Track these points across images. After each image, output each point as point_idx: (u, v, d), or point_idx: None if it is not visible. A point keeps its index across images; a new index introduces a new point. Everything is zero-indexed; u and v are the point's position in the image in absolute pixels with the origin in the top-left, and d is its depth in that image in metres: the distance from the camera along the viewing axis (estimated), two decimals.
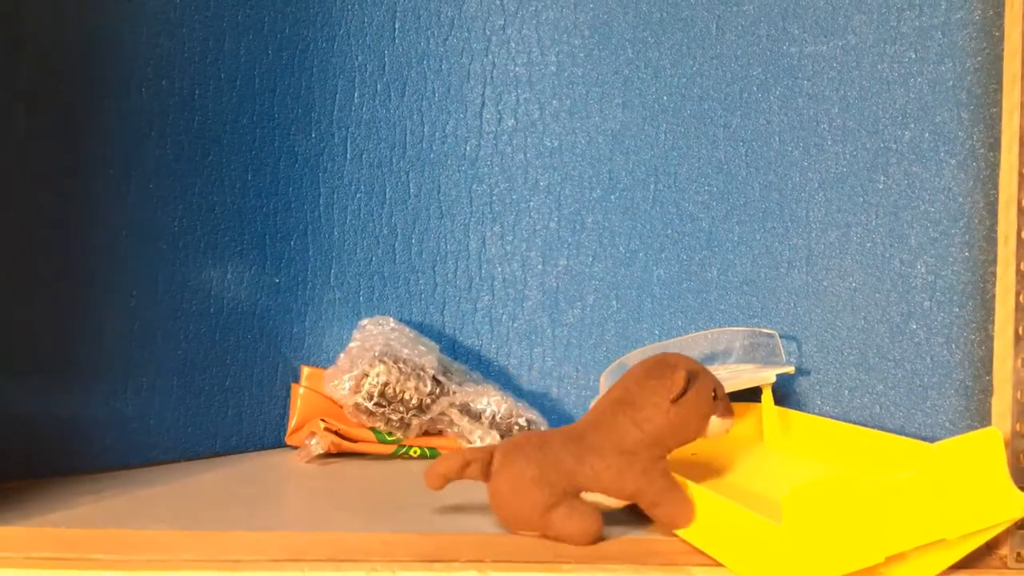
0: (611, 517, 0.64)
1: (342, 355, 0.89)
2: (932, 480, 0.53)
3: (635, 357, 0.80)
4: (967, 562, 0.58)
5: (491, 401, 0.89)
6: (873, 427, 0.78)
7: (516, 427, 0.88)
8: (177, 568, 0.54)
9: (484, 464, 0.64)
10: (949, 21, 0.74)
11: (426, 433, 0.90)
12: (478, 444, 0.86)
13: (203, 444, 0.85)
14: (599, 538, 0.61)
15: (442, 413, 0.88)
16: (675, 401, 0.62)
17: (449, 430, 0.89)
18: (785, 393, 0.84)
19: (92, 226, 0.79)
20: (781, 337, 0.84)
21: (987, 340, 0.70)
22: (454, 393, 0.89)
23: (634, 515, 0.65)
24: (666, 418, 0.63)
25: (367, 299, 0.97)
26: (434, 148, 0.98)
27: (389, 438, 0.87)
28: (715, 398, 0.64)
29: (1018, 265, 0.59)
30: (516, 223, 0.98)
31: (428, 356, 0.89)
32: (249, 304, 0.91)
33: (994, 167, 0.70)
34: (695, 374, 0.64)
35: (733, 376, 0.76)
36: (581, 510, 0.61)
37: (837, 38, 0.82)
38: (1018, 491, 0.55)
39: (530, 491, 0.61)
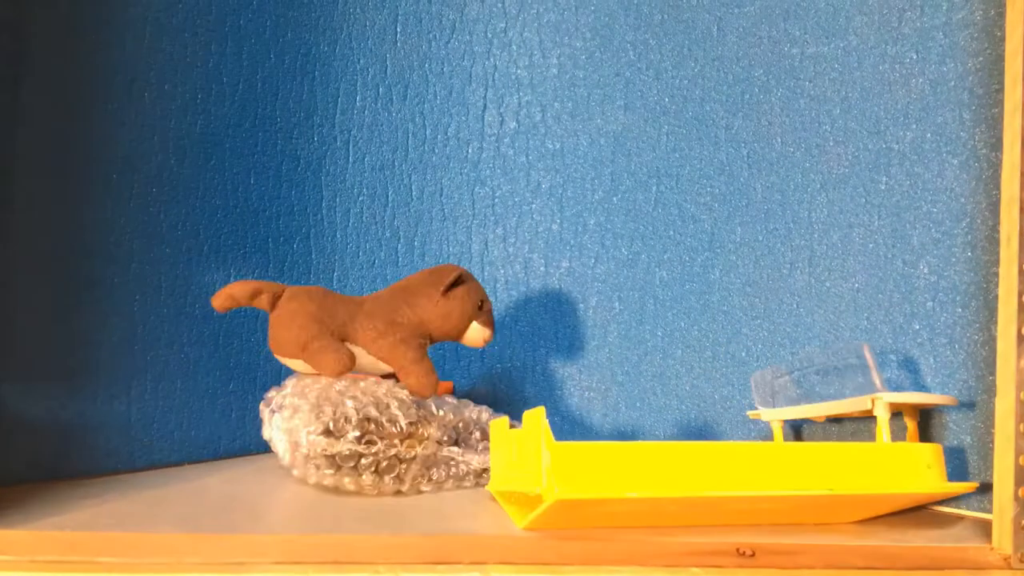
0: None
1: (286, 411, 0.73)
2: None
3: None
4: (970, 563, 0.58)
5: (476, 411, 0.78)
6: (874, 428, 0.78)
7: None
8: (181, 571, 0.54)
9: (273, 296, 0.76)
10: (950, 22, 0.74)
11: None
12: (475, 465, 0.76)
13: (207, 447, 0.86)
14: (345, 371, 0.73)
15: (432, 453, 0.74)
16: (445, 293, 0.76)
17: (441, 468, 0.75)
18: None
19: (95, 230, 0.79)
20: (785, 339, 0.84)
21: (990, 341, 0.70)
22: (440, 412, 0.75)
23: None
24: (434, 306, 0.76)
25: None
26: (436, 151, 0.98)
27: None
28: (481, 308, 0.77)
29: (1021, 265, 0.59)
30: (518, 225, 0.98)
31: (387, 381, 0.77)
32: (253, 308, 0.91)
33: (996, 167, 0.70)
34: (467, 279, 0.77)
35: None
36: (335, 347, 0.73)
37: (838, 39, 0.81)
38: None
39: (302, 323, 0.73)
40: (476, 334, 0.79)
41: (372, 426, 0.70)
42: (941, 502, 0.73)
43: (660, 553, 0.59)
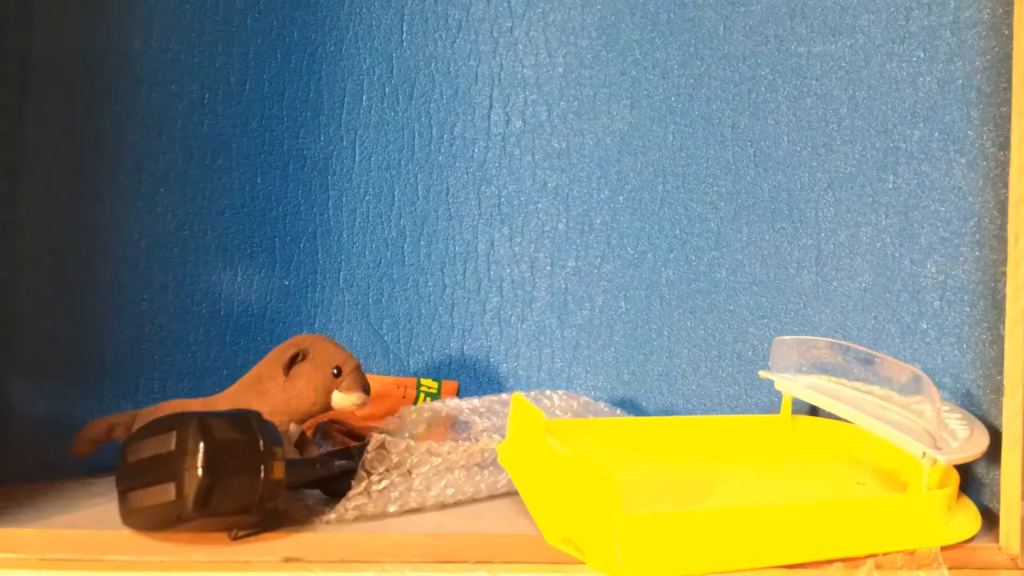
0: None
1: None
2: None
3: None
4: (978, 563, 0.58)
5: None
6: None
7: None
8: (189, 569, 0.55)
9: (127, 426, 0.70)
10: (958, 20, 0.74)
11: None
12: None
13: None
14: None
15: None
16: (287, 372, 0.70)
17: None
18: None
19: (103, 229, 0.79)
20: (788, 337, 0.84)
21: (998, 340, 0.70)
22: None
23: None
24: (280, 390, 0.69)
25: (376, 301, 0.97)
26: (442, 150, 0.98)
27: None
28: (339, 374, 0.71)
29: None
30: (524, 225, 0.98)
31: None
32: (259, 307, 0.91)
33: (1004, 166, 0.70)
34: (308, 350, 0.71)
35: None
36: None
37: (845, 37, 0.81)
38: None
39: None
40: (342, 402, 0.72)
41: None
42: None
43: None
